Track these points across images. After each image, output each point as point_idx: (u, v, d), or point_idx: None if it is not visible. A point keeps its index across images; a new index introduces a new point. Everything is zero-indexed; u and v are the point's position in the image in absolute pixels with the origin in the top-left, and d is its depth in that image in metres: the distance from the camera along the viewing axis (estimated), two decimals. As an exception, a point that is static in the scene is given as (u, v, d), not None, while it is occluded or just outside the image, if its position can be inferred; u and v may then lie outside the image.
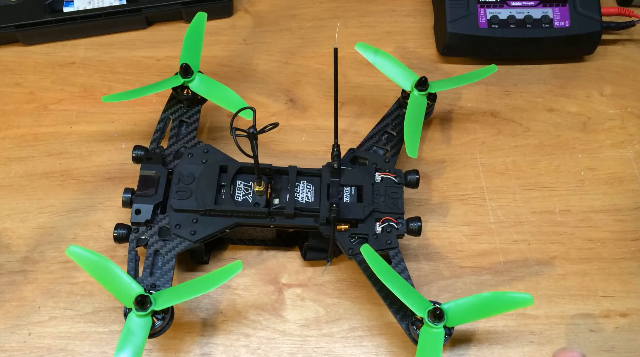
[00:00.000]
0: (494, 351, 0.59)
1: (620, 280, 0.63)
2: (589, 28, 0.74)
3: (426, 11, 0.82)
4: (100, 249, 0.63)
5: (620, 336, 0.60)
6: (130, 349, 0.51)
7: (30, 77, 0.75)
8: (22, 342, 0.59)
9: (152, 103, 0.73)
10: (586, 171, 0.70)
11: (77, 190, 0.67)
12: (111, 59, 0.77)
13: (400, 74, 0.67)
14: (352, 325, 0.61)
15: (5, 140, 0.70)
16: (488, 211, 0.67)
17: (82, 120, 0.72)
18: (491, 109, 0.74)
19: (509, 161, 0.71)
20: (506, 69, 0.77)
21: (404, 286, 0.54)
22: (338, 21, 0.81)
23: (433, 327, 0.53)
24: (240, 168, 0.61)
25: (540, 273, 0.64)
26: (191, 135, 0.65)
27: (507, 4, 0.75)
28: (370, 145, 0.65)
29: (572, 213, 0.67)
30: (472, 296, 0.55)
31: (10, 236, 0.64)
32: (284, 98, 0.75)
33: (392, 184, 0.61)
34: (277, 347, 0.59)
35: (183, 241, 0.58)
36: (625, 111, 0.74)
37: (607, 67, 0.78)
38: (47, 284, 0.62)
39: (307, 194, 0.60)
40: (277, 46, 0.79)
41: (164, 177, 0.61)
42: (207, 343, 0.59)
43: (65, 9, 0.76)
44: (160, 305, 0.53)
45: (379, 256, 0.56)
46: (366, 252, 0.55)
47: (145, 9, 0.77)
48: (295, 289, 0.62)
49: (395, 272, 0.55)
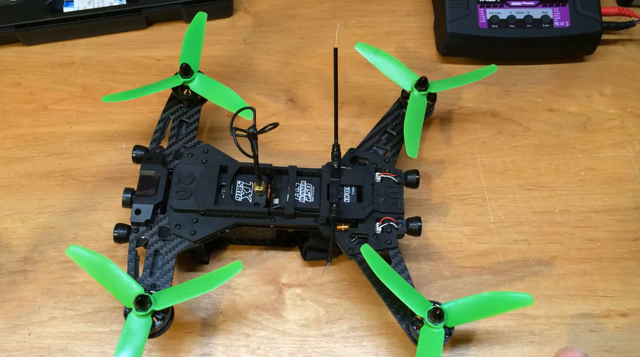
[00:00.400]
0: (494, 351, 0.59)
1: (620, 280, 0.63)
2: (589, 28, 0.74)
3: (426, 11, 0.82)
4: (100, 249, 0.63)
5: (620, 336, 0.60)
6: (130, 349, 0.51)
7: (30, 77, 0.75)
8: (22, 342, 0.59)
9: (152, 103, 0.73)
10: (586, 171, 0.70)
11: (77, 190, 0.67)
12: (111, 59, 0.77)
13: (400, 74, 0.67)
14: (352, 325, 0.61)
15: (5, 140, 0.70)
16: (488, 211, 0.67)
17: (82, 120, 0.72)
18: (491, 109, 0.74)
19: (509, 161, 0.71)
20: (506, 69, 0.77)
21: (404, 286, 0.54)
22: (338, 21, 0.81)
23: (433, 327, 0.53)
24: (240, 168, 0.61)
25: (540, 273, 0.64)
26: (191, 135, 0.65)
27: (507, 4, 0.75)
28: (370, 145, 0.65)
29: (572, 213, 0.67)
30: (472, 296, 0.55)
31: (10, 236, 0.64)
32: (284, 98, 0.75)
33: (392, 184, 0.61)
34: (277, 347, 0.59)
35: (183, 241, 0.58)
36: (625, 111, 0.74)
37: (607, 67, 0.78)
38: (47, 284, 0.62)
39: (307, 194, 0.60)
40: (277, 46, 0.79)
41: (164, 177, 0.61)
42: (207, 343, 0.59)
43: (65, 9, 0.76)
44: (160, 305, 0.53)
45: (379, 255, 0.56)
46: (366, 252, 0.55)
47: (145, 9, 0.77)
48: (295, 289, 0.62)
49: (395, 272, 0.55)
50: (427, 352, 0.52)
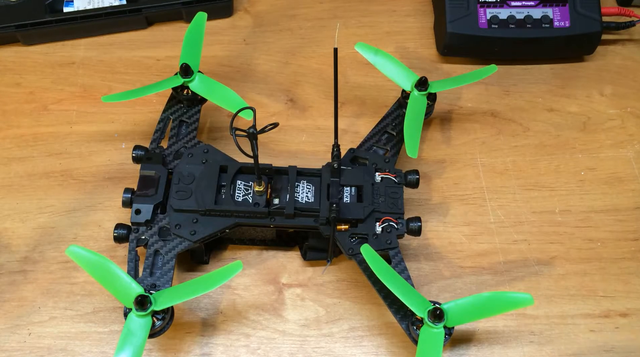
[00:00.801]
0: (494, 351, 0.59)
1: (620, 280, 0.63)
2: (589, 28, 0.74)
3: (426, 11, 0.82)
4: (100, 249, 0.63)
5: (620, 336, 0.60)
6: (130, 349, 0.51)
7: (30, 77, 0.75)
8: (22, 342, 0.59)
9: (152, 103, 0.73)
10: (586, 171, 0.70)
11: (77, 190, 0.67)
12: (111, 59, 0.77)
13: (400, 74, 0.67)
14: (352, 325, 0.61)
15: (5, 140, 0.70)
16: (488, 211, 0.67)
17: (82, 120, 0.72)
18: (491, 109, 0.74)
19: (509, 161, 0.71)
20: (506, 69, 0.77)
21: (404, 286, 0.54)
22: (338, 21, 0.81)
23: (433, 327, 0.53)
24: (240, 168, 0.61)
25: (540, 273, 0.64)
26: (191, 135, 0.65)
27: (507, 4, 0.75)
28: (370, 145, 0.65)
29: (572, 213, 0.67)
30: (472, 296, 0.55)
31: (10, 236, 0.64)
32: (284, 98, 0.75)
33: (392, 184, 0.61)
34: (277, 347, 0.59)
35: (183, 241, 0.58)
36: (625, 111, 0.74)
37: (607, 67, 0.78)
38: (47, 284, 0.62)
39: (307, 194, 0.60)
40: (277, 46, 0.79)
41: (164, 177, 0.61)
42: (207, 343, 0.59)
43: (65, 9, 0.76)
44: (160, 305, 0.53)
45: (379, 255, 0.55)
46: (366, 252, 0.55)
47: (145, 9, 0.77)
48: (295, 289, 0.62)
49: (395, 272, 0.55)
50: (427, 352, 0.52)
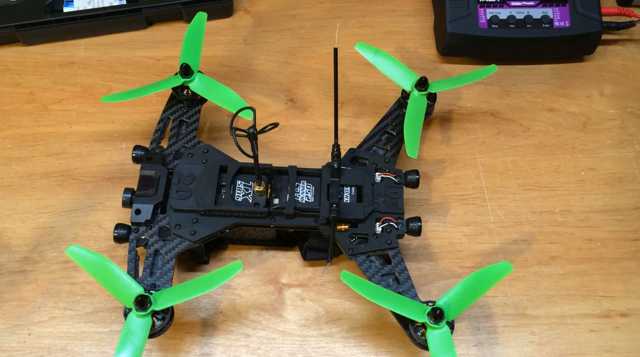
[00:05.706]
0: (494, 351, 0.59)
1: (620, 280, 0.63)
2: (589, 28, 0.74)
3: (426, 11, 0.82)
4: (100, 249, 0.63)
5: (620, 336, 0.60)
6: (130, 349, 0.51)
7: (30, 77, 0.75)
8: (22, 342, 0.59)
9: (152, 103, 0.73)
10: (586, 171, 0.70)
11: (77, 190, 0.67)
12: (111, 59, 0.77)
13: (400, 74, 0.67)
14: (352, 325, 0.61)
15: (5, 140, 0.70)
16: (488, 211, 0.67)
17: (82, 120, 0.72)
18: (491, 109, 0.74)
19: (509, 161, 0.71)
20: (506, 69, 0.77)
21: (396, 298, 0.54)
22: (338, 21, 0.81)
23: (437, 327, 0.52)
24: (240, 168, 0.61)
25: (540, 273, 0.64)
26: (191, 135, 0.65)
27: (507, 4, 0.75)
28: (370, 145, 0.65)
29: (572, 213, 0.67)
30: (458, 284, 0.54)
31: (10, 236, 0.64)
32: (284, 98, 0.75)
33: (392, 184, 0.61)
34: (277, 347, 0.59)
35: (183, 241, 0.58)
36: (625, 111, 0.74)
37: (607, 67, 0.78)
38: (47, 284, 0.62)
39: (307, 194, 0.60)
40: (277, 46, 0.79)
41: (164, 177, 0.61)
42: (207, 343, 0.59)
43: (65, 9, 0.76)
44: (160, 305, 0.53)
45: (360, 278, 0.55)
46: (347, 278, 0.54)
47: (145, 9, 0.77)
48: (295, 289, 0.62)
49: (382, 289, 0.55)
50: (441, 354, 0.52)
